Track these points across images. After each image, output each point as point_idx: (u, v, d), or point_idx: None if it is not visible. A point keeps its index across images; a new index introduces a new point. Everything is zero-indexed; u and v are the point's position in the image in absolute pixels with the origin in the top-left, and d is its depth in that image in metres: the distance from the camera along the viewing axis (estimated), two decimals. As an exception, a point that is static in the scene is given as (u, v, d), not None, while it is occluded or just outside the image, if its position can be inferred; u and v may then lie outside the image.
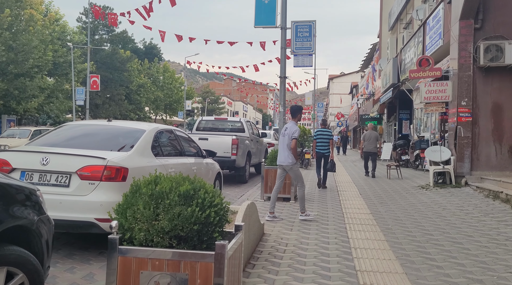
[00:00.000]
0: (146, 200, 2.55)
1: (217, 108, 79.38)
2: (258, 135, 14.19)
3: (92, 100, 40.26)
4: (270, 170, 9.00)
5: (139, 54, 53.87)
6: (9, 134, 19.13)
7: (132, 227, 2.52)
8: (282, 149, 7.19)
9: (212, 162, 7.66)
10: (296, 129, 7.09)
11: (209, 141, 11.02)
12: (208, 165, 7.36)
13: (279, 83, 10.92)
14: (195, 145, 7.22)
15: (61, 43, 30.30)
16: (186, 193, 2.59)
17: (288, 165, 7.19)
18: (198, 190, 2.66)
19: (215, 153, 7.45)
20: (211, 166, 7.55)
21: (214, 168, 7.67)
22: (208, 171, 7.34)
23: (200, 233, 2.52)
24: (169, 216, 2.48)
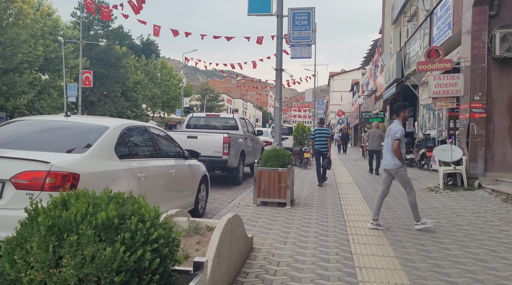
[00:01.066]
0: (42, 235, 1.63)
1: (217, 105, 78.33)
2: (254, 133, 13.28)
3: (87, 97, 39.38)
4: (263, 172, 8.09)
5: (136, 51, 52.88)
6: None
7: (20, 278, 1.61)
8: (386, 151, 6.53)
9: (196, 164, 6.74)
10: (398, 129, 6.34)
11: (199, 140, 10.11)
12: (191, 167, 6.44)
13: (275, 77, 10.01)
14: (175, 144, 6.31)
15: (53, 38, 29.32)
16: (106, 222, 1.67)
17: (393, 168, 6.45)
18: (128, 216, 1.74)
19: (198, 153, 6.54)
20: (195, 168, 6.63)
21: (198, 170, 6.76)
22: (190, 174, 6.42)
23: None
24: (77, 261, 1.57)
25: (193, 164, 6.55)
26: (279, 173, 8.05)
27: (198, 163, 7.00)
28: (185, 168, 6.22)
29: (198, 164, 6.82)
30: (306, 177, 13.39)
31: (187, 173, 6.29)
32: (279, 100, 9.91)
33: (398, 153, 6.34)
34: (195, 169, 6.64)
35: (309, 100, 35.99)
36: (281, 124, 10.00)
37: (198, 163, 6.95)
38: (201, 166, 7.01)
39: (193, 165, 6.56)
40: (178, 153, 6.30)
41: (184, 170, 6.16)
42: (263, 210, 7.68)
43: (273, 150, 8.33)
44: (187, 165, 6.33)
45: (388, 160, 6.50)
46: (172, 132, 10.54)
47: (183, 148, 6.44)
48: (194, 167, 6.57)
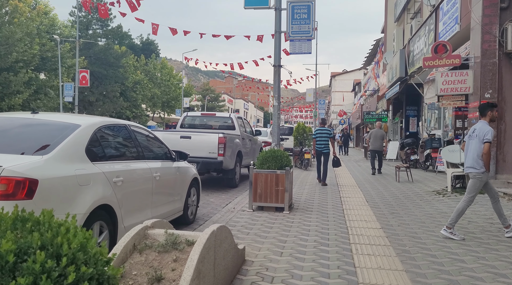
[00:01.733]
0: None
1: (217, 106, 77.80)
2: (252, 133, 12.73)
3: (85, 98, 38.88)
4: (260, 174, 7.54)
5: (136, 50, 52.40)
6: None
7: None
8: (469, 153, 5.90)
9: (185, 166, 6.20)
10: (488, 130, 5.67)
11: (193, 140, 9.57)
12: (179, 170, 5.90)
13: (273, 73, 9.46)
14: (162, 145, 5.77)
15: (49, 37, 28.82)
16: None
17: (473, 172, 5.84)
18: (34, 249, 1.19)
19: (186, 155, 5.99)
20: (184, 170, 6.09)
21: (187, 173, 6.22)
22: (178, 178, 5.88)
23: None
24: None
25: (181, 166, 6.01)
26: (276, 175, 7.51)
27: (188, 165, 6.46)
28: (172, 171, 5.67)
29: (187, 166, 6.27)
30: (306, 179, 12.84)
31: (175, 176, 5.75)
32: (278, 99, 9.37)
33: (488, 157, 5.70)
34: (184, 172, 6.09)
35: (311, 100, 35.42)
36: (280, 124, 9.46)
37: (187, 165, 6.41)
38: (191, 168, 6.47)
39: (182, 167, 6.02)
40: (165, 154, 5.76)
41: (170, 173, 5.62)
42: (259, 216, 7.14)
43: (270, 150, 7.79)
44: (175, 168, 5.78)
45: (471, 163, 5.86)
46: (164, 132, 10.01)
47: (170, 149, 5.90)
48: (182, 169, 6.03)
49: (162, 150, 5.74)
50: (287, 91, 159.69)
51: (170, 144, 9.64)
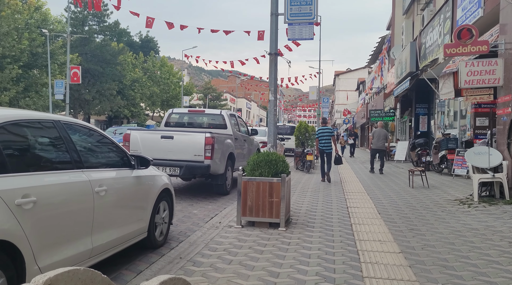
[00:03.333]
0: None
1: (219, 105, 76.43)
2: (248, 132, 11.35)
3: (80, 96, 37.65)
4: (250, 183, 6.18)
5: (135, 48, 51.21)
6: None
7: None
8: None
9: (150, 175, 4.84)
10: None
11: (175, 141, 8.21)
12: (140, 180, 4.55)
13: (269, 62, 8.10)
14: (115, 148, 4.42)
15: (39, 32, 27.53)
16: None
17: None
18: None
19: (148, 161, 4.62)
20: (148, 181, 4.73)
21: (154, 183, 4.86)
22: (140, 190, 4.53)
23: None
24: None
25: (144, 175, 4.65)
26: (270, 184, 6.15)
27: (156, 172, 5.10)
28: (128, 182, 4.32)
29: (153, 175, 4.91)
30: (308, 184, 11.47)
31: (133, 189, 4.40)
32: (274, 92, 8.00)
33: None
34: (148, 182, 4.73)
35: (314, 98, 34.03)
36: (277, 122, 8.09)
37: (155, 172, 5.05)
38: (160, 177, 5.11)
39: (145, 177, 4.66)
40: (120, 160, 4.41)
41: (126, 185, 4.27)
42: (248, 234, 5.79)
43: (264, 153, 6.43)
44: (133, 178, 4.43)
45: None
46: (143, 131, 8.66)
47: (128, 153, 4.54)
48: (146, 179, 4.67)
49: (116, 154, 4.39)
50: (290, 91, 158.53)
51: (150, 145, 8.32)
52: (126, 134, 8.45)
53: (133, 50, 48.45)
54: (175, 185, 10.69)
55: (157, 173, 5.10)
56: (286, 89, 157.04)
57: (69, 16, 26.99)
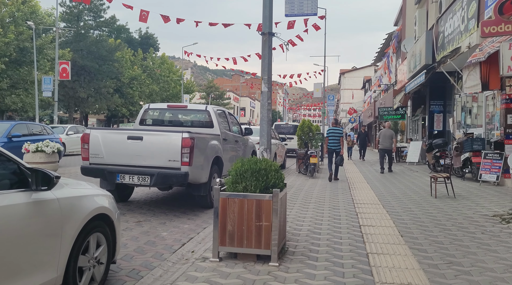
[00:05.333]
0: None
1: (222, 104, 74.86)
2: (240, 132, 9.71)
3: (75, 93, 36.19)
4: (232, 201, 4.55)
5: (134, 45, 49.72)
6: None
7: None
8: None
9: (69, 197, 3.21)
10: None
11: (145, 143, 6.59)
12: (43, 208, 2.93)
13: (262, 45, 6.47)
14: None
15: (27, 25, 26.00)
16: None
17: None
18: None
19: (51, 178, 2.93)
20: (62, 207, 3.09)
21: (73, 210, 3.21)
22: (42, 224, 2.90)
23: None
24: None
25: (52, 198, 3.01)
26: (258, 202, 4.52)
27: (83, 191, 3.47)
28: (16, 213, 2.69)
29: (73, 197, 3.27)
30: (311, 191, 9.82)
31: (27, 222, 2.76)
32: (268, 81, 6.36)
33: None
34: (62, 209, 3.09)
35: (318, 96, 32.32)
36: (270, 118, 6.44)
37: (79, 192, 3.41)
38: (91, 198, 3.48)
39: (52, 201, 3.02)
40: (10, 178, 2.79)
41: (11, 218, 2.64)
42: (226, 273, 4.16)
43: (250, 160, 4.78)
44: (28, 204, 2.80)
45: None
46: (104, 131, 7.03)
47: (25, 167, 2.90)
48: (55, 204, 3.03)
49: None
50: (295, 90, 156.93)
51: (114, 148, 6.68)
52: (84, 134, 6.84)
53: (132, 47, 46.97)
54: (151, 193, 9.05)
55: (84, 192, 3.46)
56: (291, 88, 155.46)
57: (57, 6, 25.41)
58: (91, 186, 3.88)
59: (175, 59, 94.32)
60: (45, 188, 2.84)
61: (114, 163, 6.69)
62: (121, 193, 7.76)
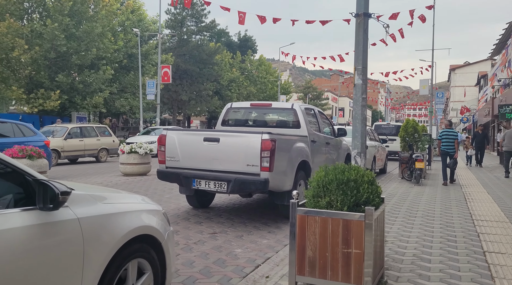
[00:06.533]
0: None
1: (320, 104, 73.42)
2: (333, 133, 8.66)
3: (178, 96, 37.84)
4: (312, 219, 3.63)
5: (233, 48, 50.75)
6: (45, 132, 16.30)
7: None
8: None
9: (96, 215, 2.57)
10: None
11: (222, 145, 5.93)
12: (56, 231, 2.29)
13: (355, 29, 5.41)
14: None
15: (134, 33, 27.62)
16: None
17: None
18: None
19: (55, 194, 2.28)
20: (86, 227, 2.45)
21: (102, 231, 2.56)
22: (57, 251, 2.27)
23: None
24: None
25: (70, 217, 2.37)
26: (346, 223, 3.53)
27: (118, 207, 2.81)
28: (18, 238, 2.08)
29: (100, 215, 2.61)
30: (417, 202, 8.40)
31: (36, 250, 2.15)
32: (362, 72, 5.28)
33: None
34: (82, 231, 2.43)
35: (425, 93, 29.52)
36: (366, 117, 5.35)
37: (113, 208, 2.76)
38: (129, 215, 2.82)
39: (69, 221, 2.37)
40: (15, 193, 2.20)
41: (14, 245, 2.04)
42: (303, 314, 3.24)
43: (337, 168, 3.80)
44: (34, 227, 2.18)
45: None
46: (181, 132, 6.51)
47: (35, 179, 2.28)
48: (75, 225, 2.38)
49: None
50: (398, 88, 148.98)
51: (190, 151, 6.12)
52: (161, 136, 6.41)
53: (231, 50, 48.00)
54: (235, 199, 8.38)
55: (122, 208, 2.81)
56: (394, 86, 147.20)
57: (160, 14, 26.60)
58: (140, 199, 3.24)
59: (274, 61, 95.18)
60: (50, 206, 2.20)
61: (190, 167, 6.15)
62: (201, 199, 7.25)
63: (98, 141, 16.90)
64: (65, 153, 15.47)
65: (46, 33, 21.55)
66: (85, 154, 16.39)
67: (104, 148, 17.07)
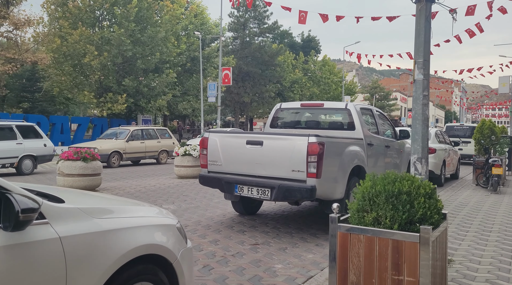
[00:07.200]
0: None
1: (387, 105, 70.44)
2: (394, 135, 7.86)
3: (240, 98, 38.00)
4: (355, 238, 3.08)
5: (296, 49, 50.20)
6: (109, 135, 16.86)
7: None
8: None
9: (87, 233, 2.22)
10: None
11: (265, 149, 5.48)
12: (26, 254, 1.96)
13: (415, 15, 4.71)
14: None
15: (196, 36, 28.06)
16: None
17: None
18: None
19: (32, 210, 1.96)
20: (70, 249, 2.11)
21: (94, 252, 2.21)
22: (28, 278, 1.93)
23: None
24: None
25: (49, 237, 2.03)
26: (396, 244, 2.93)
27: (106, 224, 2.43)
28: None
29: (91, 233, 2.24)
30: (494, 214, 7.36)
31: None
32: (423, 66, 4.57)
33: None
34: (64, 253, 2.08)
35: (505, 92, 27.03)
36: (428, 117, 4.61)
37: (101, 225, 2.39)
38: (129, 232, 2.45)
39: (47, 241, 2.02)
40: None
41: None
42: None
43: (385, 177, 3.20)
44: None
45: None
46: (222, 135, 6.14)
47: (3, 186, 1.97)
48: (53, 246, 2.04)
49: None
50: (475, 87, 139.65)
51: (232, 154, 5.73)
52: (203, 138, 6.10)
53: (294, 51, 47.49)
54: (285, 205, 7.86)
55: (124, 223, 2.44)
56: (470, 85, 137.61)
57: (221, 16, 26.69)
58: (155, 212, 2.89)
59: (339, 62, 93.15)
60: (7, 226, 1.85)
61: (232, 172, 5.77)
62: (247, 205, 6.84)
63: (158, 143, 17.19)
64: (127, 154, 15.85)
65: (114, 39, 22.48)
66: (146, 155, 16.72)
67: (164, 150, 17.32)
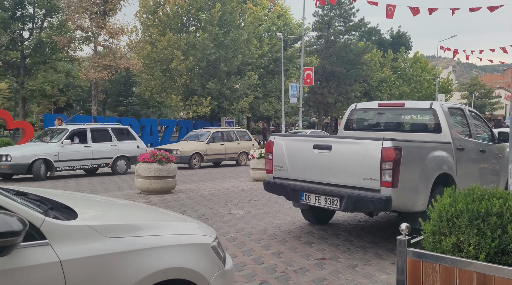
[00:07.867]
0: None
1: (488, 103, 64.40)
2: (491, 138, 6.82)
3: (324, 99, 37.18)
4: (430, 267, 2.50)
5: (385, 46, 47.94)
6: (191, 137, 17.28)
7: None
8: None
9: (91, 256, 1.97)
10: None
11: (333, 154, 4.96)
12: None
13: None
14: None
15: (278, 37, 27.94)
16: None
17: None
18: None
19: (19, 230, 1.72)
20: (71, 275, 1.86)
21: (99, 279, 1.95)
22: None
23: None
24: None
25: (48, 260, 1.81)
26: (483, 279, 2.33)
27: (122, 245, 2.15)
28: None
29: (100, 255, 1.96)
30: None
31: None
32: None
33: None
34: (65, 279, 1.85)
35: None
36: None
37: (115, 246, 2.11)
38: (149, 254, 2.15)
39: (46, 266, 1.81)
40: None
41: None
42: None
43: (469, 193, 2.57)
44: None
45: None
46: (290, 138, 5.71)
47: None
48: (51, 271, 1.82)
49: None
50: None
51: (298, 160, 5.33)
52: (268, 142, 5.74)
53: (383, 49, 45.38)
54: (359, 216, 7.20)
55: (142, 243, 2.17)
56: None
57: (303, 16, 26.16)
58: (193, 228, 2.60)
59: (433, 58, 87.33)
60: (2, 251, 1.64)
61: (298, 178, 5.34)
62: (317, 214, 6.35)
63: (238, 145, 17.26)
64: (208, 156, 16.11)
65: (198, 43, 23.16)
66: (226, 157, 16.87)
67: (243, 151, 17.34)
